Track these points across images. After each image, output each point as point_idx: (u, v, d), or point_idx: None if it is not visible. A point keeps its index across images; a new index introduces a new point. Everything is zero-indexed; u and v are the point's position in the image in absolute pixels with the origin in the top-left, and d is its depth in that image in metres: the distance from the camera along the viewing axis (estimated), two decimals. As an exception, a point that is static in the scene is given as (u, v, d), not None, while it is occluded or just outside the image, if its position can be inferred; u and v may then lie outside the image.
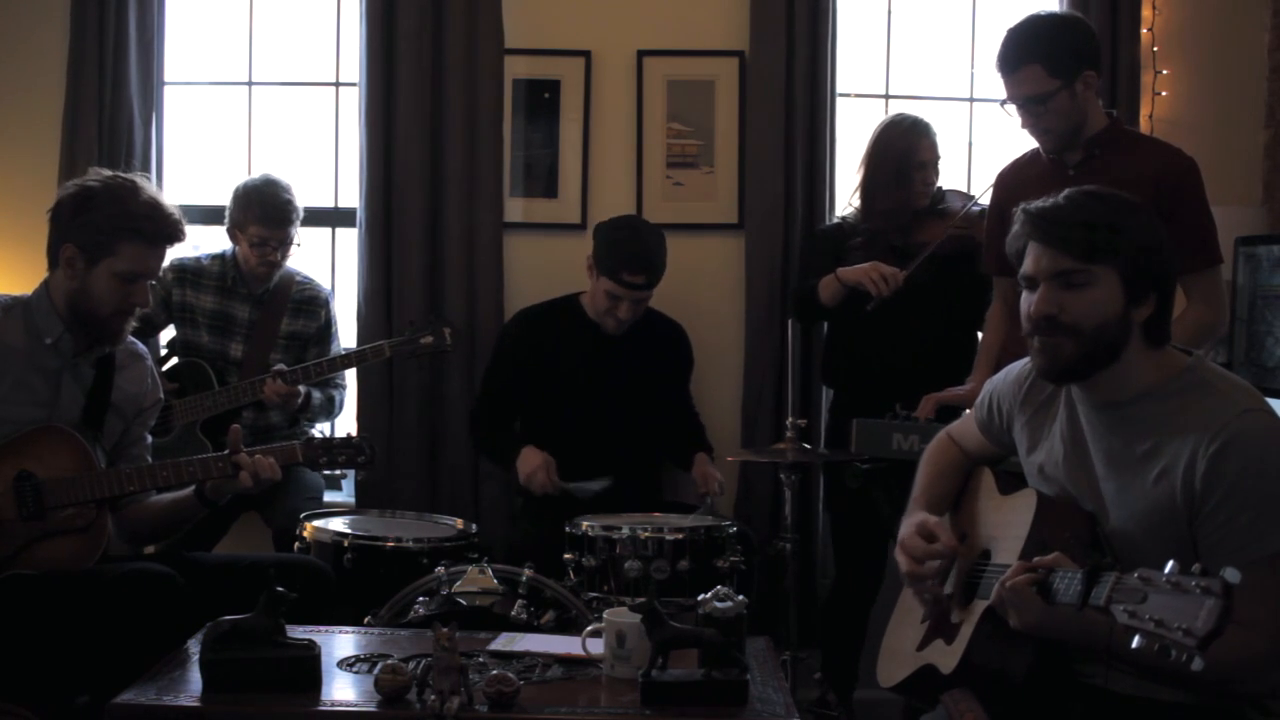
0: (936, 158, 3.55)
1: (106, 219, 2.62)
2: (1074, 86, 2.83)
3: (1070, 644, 1.98)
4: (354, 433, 3.48)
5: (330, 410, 3.71)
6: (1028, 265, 2.04)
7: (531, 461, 3.43)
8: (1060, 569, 1.86)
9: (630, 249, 3.47)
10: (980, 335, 3.66)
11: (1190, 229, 2.81)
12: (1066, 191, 2.05)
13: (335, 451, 2.87)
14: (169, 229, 2.68)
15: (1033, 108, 2.85)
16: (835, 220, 3.73)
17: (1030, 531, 2.07)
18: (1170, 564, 1.65)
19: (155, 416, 2.91)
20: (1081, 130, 2.89)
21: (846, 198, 3.72)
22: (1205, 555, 1.88)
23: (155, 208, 2.66)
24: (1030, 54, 2.83)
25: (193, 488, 2.75)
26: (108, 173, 2.73)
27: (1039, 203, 2.05)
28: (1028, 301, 2.05)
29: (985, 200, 3.43)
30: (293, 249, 3.66)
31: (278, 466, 2.74)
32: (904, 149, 3.50)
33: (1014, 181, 3.08)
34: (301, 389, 3.52)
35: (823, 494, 3.81)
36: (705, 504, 3.37)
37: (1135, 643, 1.63)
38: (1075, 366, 2.02)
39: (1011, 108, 2.90)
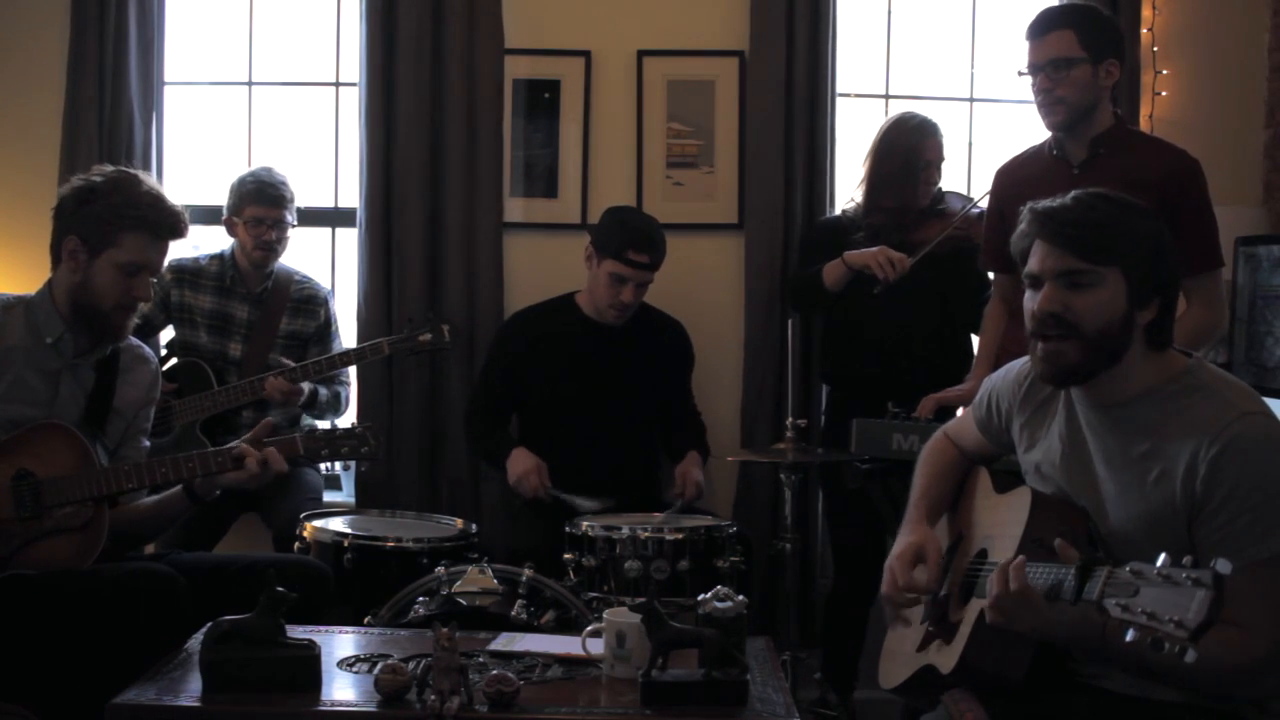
0: (941, 158, 3.57)
1: (109, 209, 2.62)
2: (1098, 67, 2.84)
3: (1069, 645, 1.98)
4: (356, 423, 3.48)
5: (337, 407, 3.71)
6: (1033, 263, 2.04)
7: (522, 464, 3.42)
8: (1057, 565, 1.85)
9: (635, 227, 3.52)
10: (967, 333, 3.68)
11: (1194, 231, 2.80)
12: (1075, 192, 2.04)
13: (337, 443, 2.84)
14: (171, 220, 2.68)
15: (1053, 73, 2.85)
16: (835, 214, 3.74)
17: (1025, 529, 2.08)
18: (1162, 557, 1.65)
19: (150, 417, 2.90)
20: (1091, 118, 2.88)
21: (848, 193, 3.72)
22: (1204, 557, 1.87)
23: (158, 199, 2.67)
24: (1066, 21, 2.87)
25: (180, 485, 2.74)
26: (110, 167, 2.74)
27: (1047, 202, 2.05)
28: (1032, 299, 2.04)
29: (985, 204, 3.45)
30: (289, 236, 3.66)
31: (284, 460, 2.71)
32: (911, 147, 3.51)
33: (1015, 178, 3.07)
34: (305, 386, 3.53)
35: (821, 493, 3.81)
36: (674, 505, 3.36)
37: (1129, 636, 1.63)
38: (1077, 370, 2.02)
39: (1029, 79, 2.90)
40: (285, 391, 3.45)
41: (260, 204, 3.59)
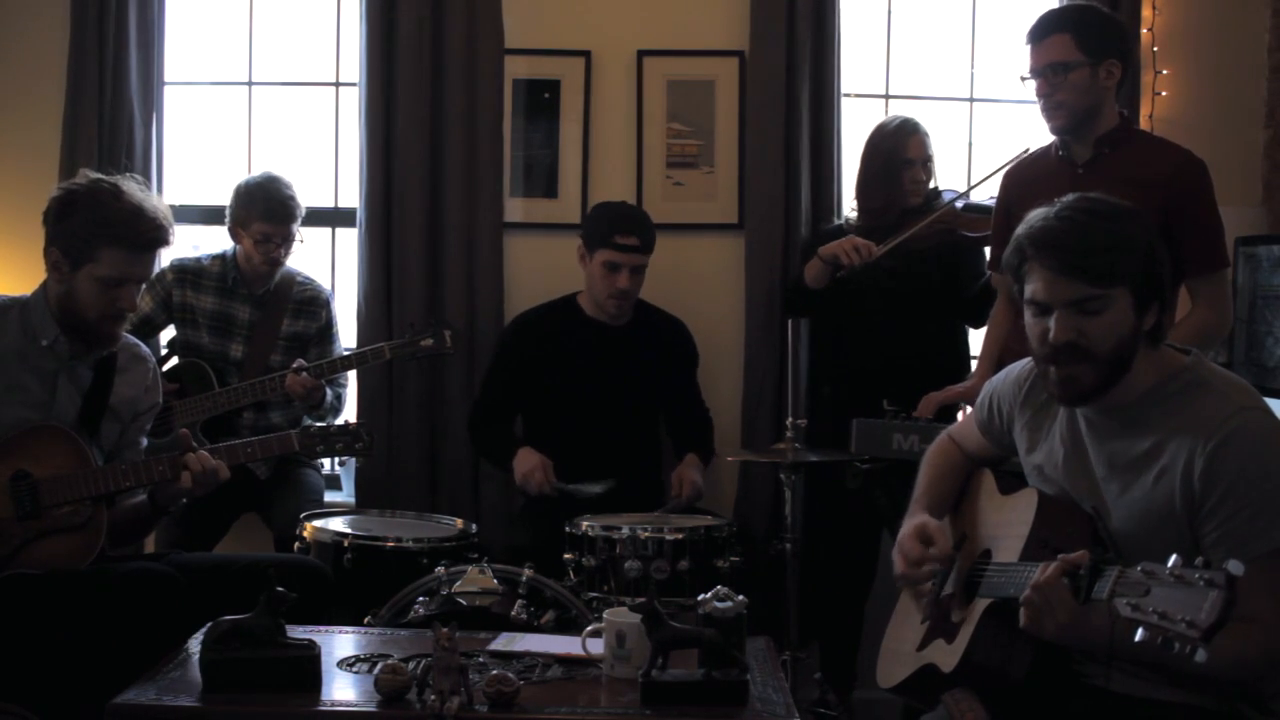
0: (926, 156, 3.57)
1: (84, 225, 2.59)
2: (1098, 68, 2.84)
3: (1084, 645, 1.97)
4: (351, 420, 3.47)
5: (338, 409, 3.71)
6: (1039, 292, 2.01)
7: (528, 462, 3.43)
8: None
9: (619, 213, 3.57)
10: (965, 328, 3.68)
11: (1199, 232, 2.80)
12: (1060, 211, 2.01)
13: (332, 439, 2.84)
14: (150, 235, 2.64)
15: (1052, 77, 2.85)
16: (837, 223, 3.75)
17: (1031, 530, 2.07)
18: (1173, 557, 1.65)
19: (151, 420, 2.90)
20: (1094, 119, 2.88)
21: (851, 194, 3.73)
22: (1207, 553, 1.88)
23: (136, 214, 2.62)
24: (1063, 25, 2.87)
25: (146, 495, 2.73)
26: (93, 175, 2.69)
27: (1037, 225, 2.02)
28: (1041, 326, 2.02)
29: (973, 196, 3.47)
30: (295, 246, 3.66)
31: (226, 468, 2.70)
32: (891, 147, 3.54)
33: (1021, 178, 3.07)
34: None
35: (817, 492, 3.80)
36: (666, 504, 3.37)
37: (1139, 636, 1.63)
38: (1094, 390, 2.02)
39: (1031, 83, 2.90)
40: (308, 386, 3.44)
41: (269, 221, 3.56)
